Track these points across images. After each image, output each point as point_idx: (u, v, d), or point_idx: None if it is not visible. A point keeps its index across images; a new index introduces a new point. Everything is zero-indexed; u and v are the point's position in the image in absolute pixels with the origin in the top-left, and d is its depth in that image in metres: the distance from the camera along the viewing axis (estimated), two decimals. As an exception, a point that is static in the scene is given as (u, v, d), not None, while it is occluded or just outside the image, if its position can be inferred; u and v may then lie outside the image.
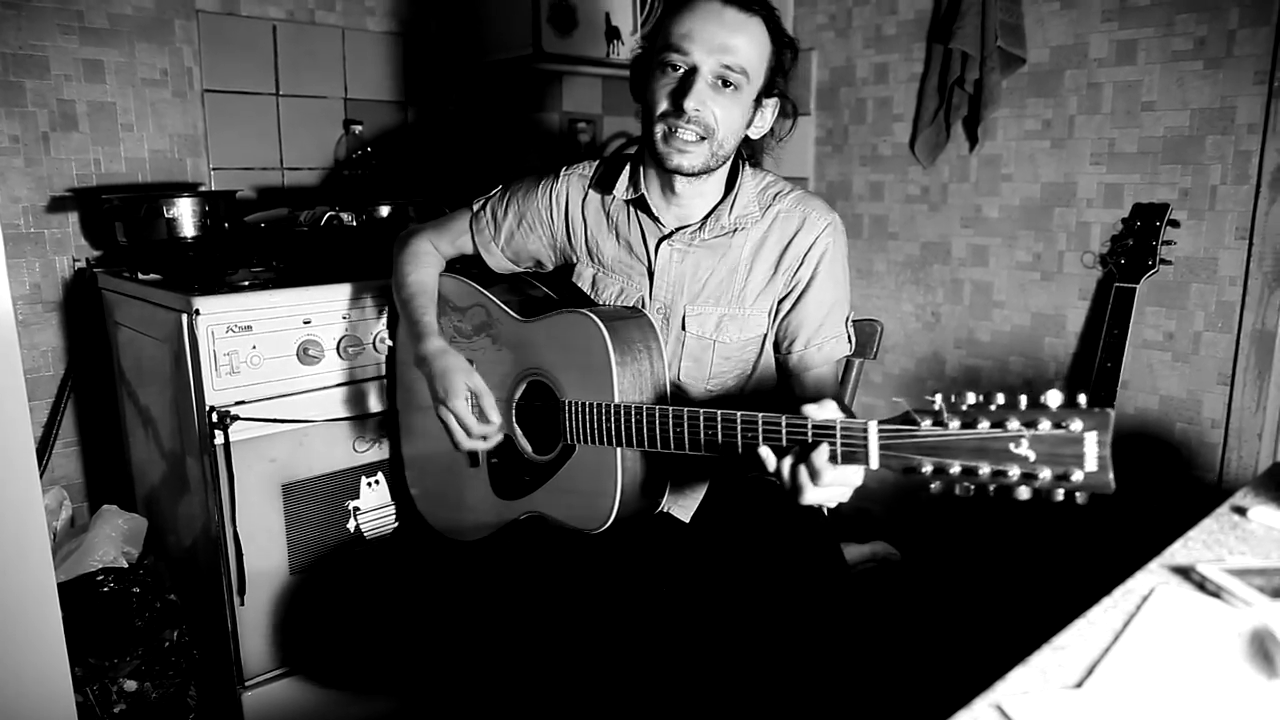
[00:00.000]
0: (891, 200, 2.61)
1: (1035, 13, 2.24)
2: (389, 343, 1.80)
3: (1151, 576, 0.87)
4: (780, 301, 1.44)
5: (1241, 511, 1.02)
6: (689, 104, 1.28)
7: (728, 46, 1.28)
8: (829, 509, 1.59)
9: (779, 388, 1.56)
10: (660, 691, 1.33)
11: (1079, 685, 0.70)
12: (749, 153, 1.44)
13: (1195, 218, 2.05)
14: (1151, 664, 0.72)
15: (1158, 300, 2.13)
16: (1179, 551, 0.93)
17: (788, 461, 1.06)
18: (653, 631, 1.36)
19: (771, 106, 1.39)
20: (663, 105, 1.31)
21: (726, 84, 1.30)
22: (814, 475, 1.03)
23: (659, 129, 1.32)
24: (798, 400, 1.48)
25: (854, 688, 1.30)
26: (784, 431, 1.08)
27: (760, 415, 1.10)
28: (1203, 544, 0.95)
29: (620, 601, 1.39)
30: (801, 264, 1.41)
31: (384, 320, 1.81)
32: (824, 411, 1.04)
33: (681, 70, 1.30)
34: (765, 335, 1.47)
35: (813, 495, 1.05)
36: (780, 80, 1.37)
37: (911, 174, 2.55)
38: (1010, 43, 2.23)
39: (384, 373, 1.82)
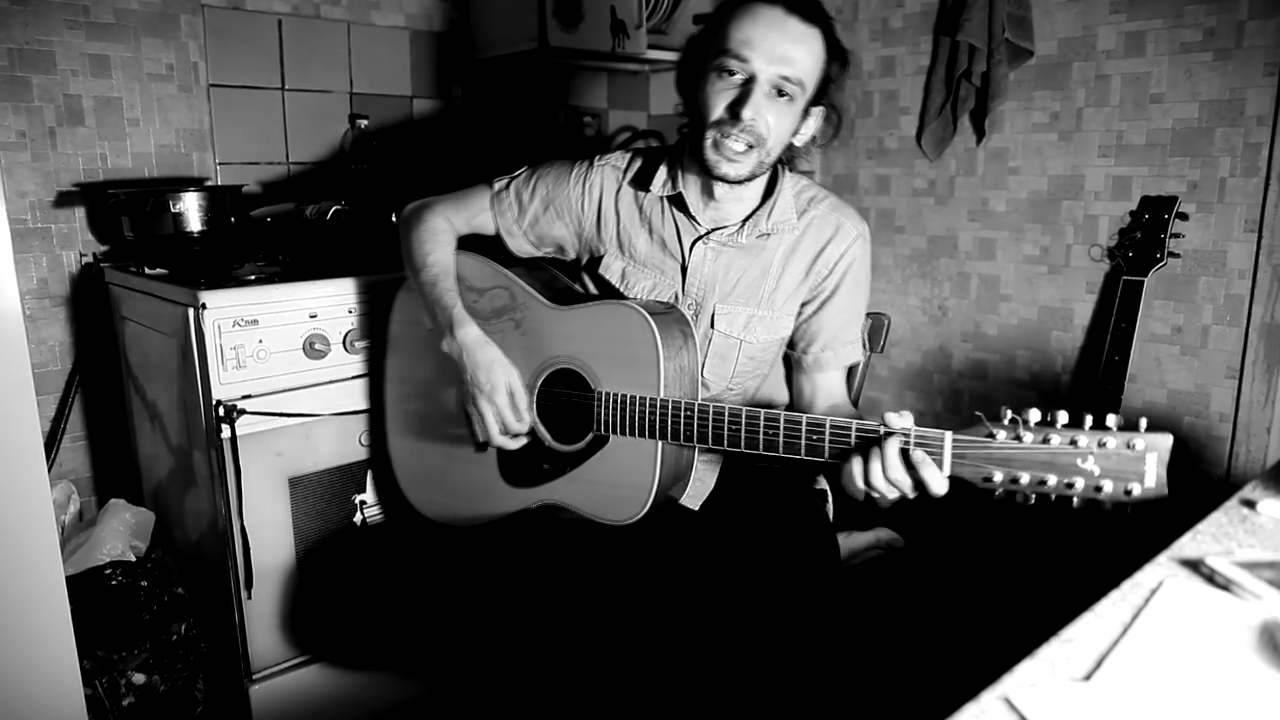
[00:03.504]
0: (898, 194, 2.60)
1: (1043, 4, 2.23)
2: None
3: (1160, 569, 0.87)
4: (804, 305, 1.46)
5: (1251, 504, 1.02)
6: (746, 113, 1.27)
7: (788, 57, 1.27)
8: (832, 503, 1.61)
9: (787, 384, 1.56)
10: (668, 679, 1.33)
11: (1087, 678, 0.69)
12: (788, 157, 1.43)
13: (1204, 210, 2.04)
14: (1160, 657, 0.72)
15: (1166, 293, 2.12)
16: (1188, 544, 0.92)
17: (899, 471, 1.08)
18: (662, 620, 1.36)
19: (817, 115, 1.38)
20: (717, 112, 1.30)
21: (782, 94, 1.29)
22: (940, 466, 1.07)
23: (710, 135, 1.31)
24: (805, 399, 1.50)
25: (852, 680, 1.31)
26: (853, 437, 1.13)
27: (829, 420, 1.15)
28: (1211, 537, 0.94)
29: (630, 588, 1.39)
30: (831, 272, 1.43)
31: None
32: (899, 422, 1.09)
33: (739, 77, 1.28)
34: (786, 337, 1.48)
35: (941, 485, 1.07)
36: (829, 90, 1.36)
37: (918, 167, 2.54)
38: (1017, 35, 2.22)
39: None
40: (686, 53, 1.40)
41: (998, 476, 1.00)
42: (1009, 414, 1.00)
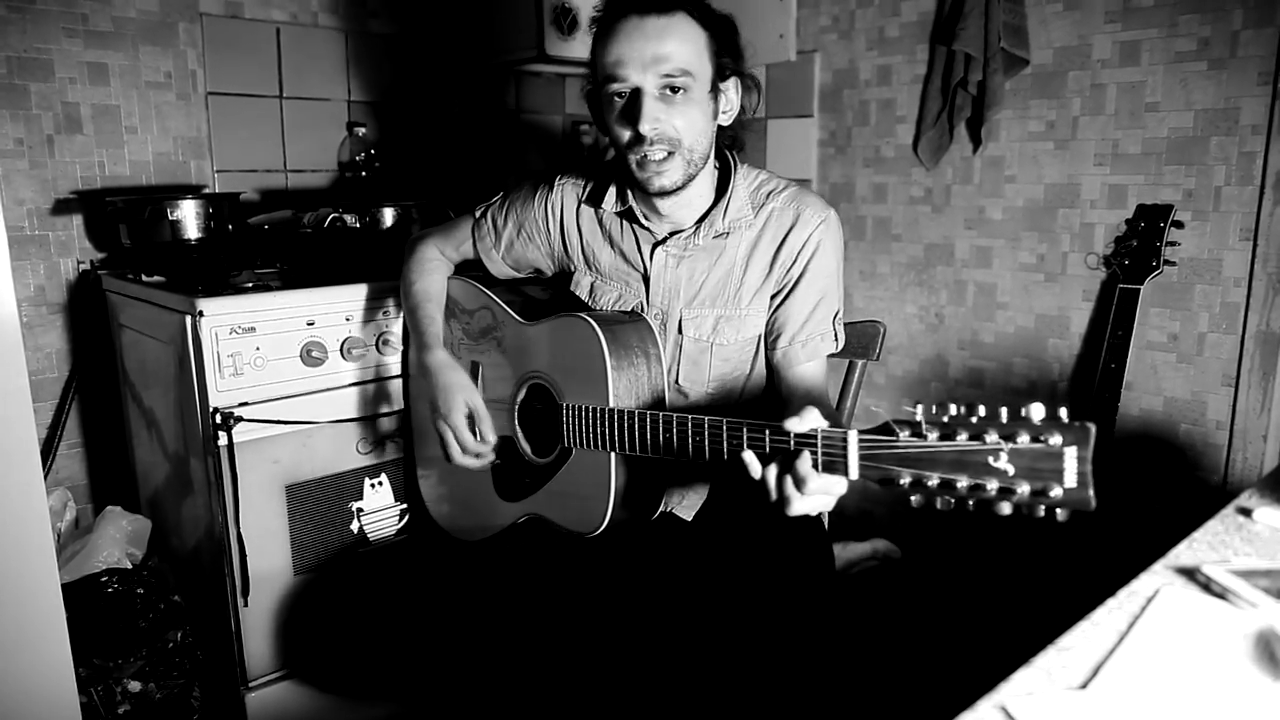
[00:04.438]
0: (895, 202, 2.61)
1: (1038, 14, 2.24)
2: (401, 348, 1.82)
3: (1156, 578, 0.87)
4: (772, 297, 1.43)
5: (1247, 513, 1.02)
6: (644, 128, 1.26)
7: (659, 56, 1.25)
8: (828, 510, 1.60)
9: (768, 385, 1.56)
10: (659, 691, 1.33)
11: (1084, 686, 0.69)
12: (730, 139, 1.41)
13: (1199, 219, 2.04)
14: (1156, 665, 0.72)
15: (1162, 301, 2.12)
16: (1184, 553, 0.93)
17: (773, 471, 1.03)
18: (654, 631, 1.36)
19: (732, 87, 1.36)
20: (624, 135, 1.30)
21: (675, 90, 1.27)
22: (799, 483, 1.00)
23: (631, 158, 1.31)
24: (782, 398, 1.48)
25: (849, 688, 1.31)
26: (768, 441, 1.06)
27: (745, 423, 1.09)
28: (1208, 545, 0.94)
29: (622, 601, 1.39)
30: (795, 261, 1.39)
31: (388, 322, 1.81)
32: (805, 423, 1.01)
33: (625, 96, 1.28)
34: (758, 335, 1.46)
35: (800, 505, 1.02)
36: (729, 60, 1.33)
37: (915, 176, 2.55)
38: (1013, 44, 2.23)
39: (388, 374, 1.83)
40: (588, 92, 1.39)
41: (905, 479, 0.89)
42: (919, 410, 0.90)
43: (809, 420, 1.01)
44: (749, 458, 1.06)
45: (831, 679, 1.30)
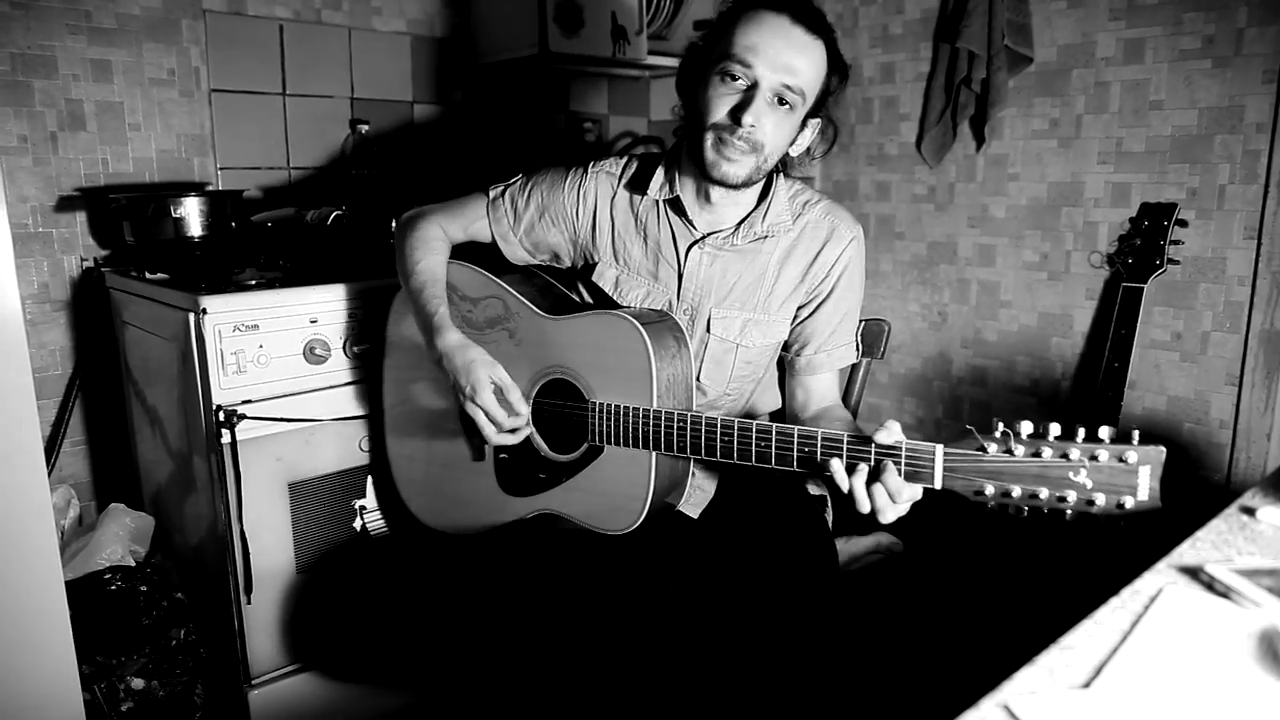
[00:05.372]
0: (898, 200, 2.60)
1: (1042, 11, 2.24)
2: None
3: (1159, 577, 0.87)
4: (800, 308, 1.46)
5: (1250, 512, 1.02)
6: (747, 119, 1.27)
7: (792, 66, 1.27)
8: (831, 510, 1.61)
9: (780, 389, 1.56)
10: (666, 685, 1.33)
11: (1087, 685, 0.69)
12: (782, 165, 1.43)
13: (1203, 217, 2.04)
14: (1160, 664, 0.72)
15: (1165, 300, 2.12)
16: (1187, 552, 0.92)
17: (860, 480, 1.11)
18: (660, 626, 1.36)
19: (814, 127, 1.39)
20: (718, 115, 1.30)
21: (783, 102, 1.29)
22: (894, 494, 1.09)
23: (709, 137, 1.31)
24: (795, 399, 1.51)
25: (852, 685, 1.31)
26: (845, 451, 1.12)
27: (820, 432, 1.15)
28: (1211, 544, 0.94)
29: (628, 596, 1.39)
30: (827, 276, 1.44)
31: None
32: (891, 435, 1.09)
33: (743, 82, 1.28)
34: (782, 341, 1.49)
35: (893, 514, 1.11)
36: (824, 102, 1.37)
37: (918, 174, 2.55)
38: (1017, 42, 2.23)
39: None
40: (690, 54, 1.39)
41: (989, 490, 1.01)
42: (1000, 426, 1.01)
43: (894, 433, 1.09)
44: (836, 467, 1.13)
45: (834, 675, 1.30)
